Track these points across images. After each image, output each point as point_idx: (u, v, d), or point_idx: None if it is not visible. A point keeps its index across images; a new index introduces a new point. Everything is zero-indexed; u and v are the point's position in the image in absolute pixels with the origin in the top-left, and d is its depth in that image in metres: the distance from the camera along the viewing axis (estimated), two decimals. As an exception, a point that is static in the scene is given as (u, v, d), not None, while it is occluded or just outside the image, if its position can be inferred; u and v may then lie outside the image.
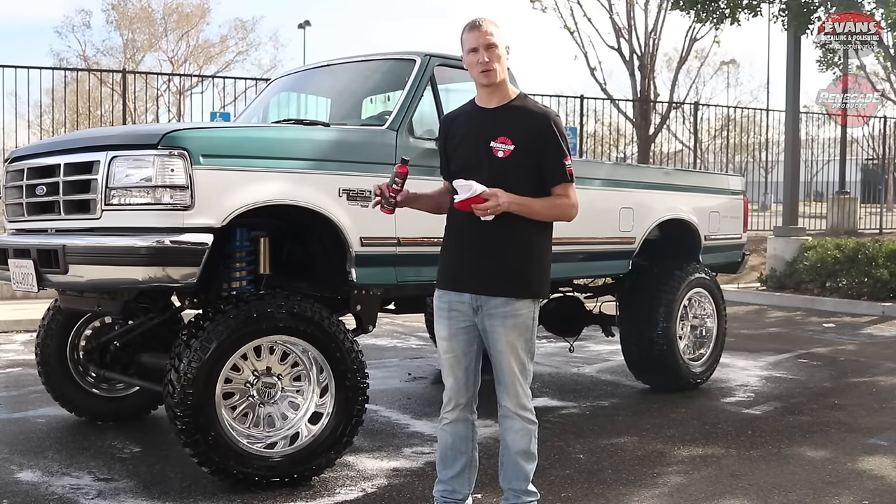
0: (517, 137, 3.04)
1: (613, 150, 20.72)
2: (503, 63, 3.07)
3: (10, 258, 4.16)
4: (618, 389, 6.24)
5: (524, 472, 3.20)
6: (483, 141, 3.06)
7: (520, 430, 3.16)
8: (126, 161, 3.70)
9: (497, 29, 3.08)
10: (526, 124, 3.06)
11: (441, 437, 3.28)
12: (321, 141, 4.24)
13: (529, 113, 3.09)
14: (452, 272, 3.16)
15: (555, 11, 17.50)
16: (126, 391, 5.11)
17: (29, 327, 8.31)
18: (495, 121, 3.09)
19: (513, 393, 3.14)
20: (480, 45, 3.03)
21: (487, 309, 3.08)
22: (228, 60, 36.30)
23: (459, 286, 3.13)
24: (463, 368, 3.19)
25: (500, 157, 3.03)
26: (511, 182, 2.99)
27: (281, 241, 4.40)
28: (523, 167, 3.04)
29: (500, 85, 3.10)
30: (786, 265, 12.36)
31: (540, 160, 3.05)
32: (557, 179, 3.08)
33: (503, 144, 3.04)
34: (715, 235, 6.67)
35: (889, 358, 7.61)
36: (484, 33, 3.04)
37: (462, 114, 3.25)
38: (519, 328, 3.08)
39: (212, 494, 3.80)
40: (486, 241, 3.06)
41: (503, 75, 3.09)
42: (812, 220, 16.58)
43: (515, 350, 3.09)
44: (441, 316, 3.18)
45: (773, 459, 4.45)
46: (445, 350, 3.20)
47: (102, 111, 21.42)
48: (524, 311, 3.08)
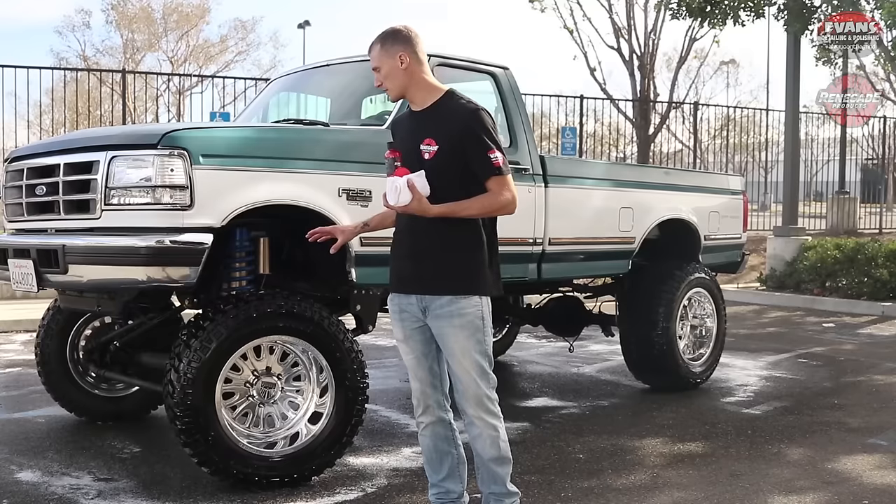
0: (440, 137, 3.03)
1: (613, 150, 20.71)
2: (397, 76, 3.06)
3: (9, 258, 4.16)
4: (618, 389, 6.24)
5: (499, 477, 3.16)
6: (413, 144, 3.06)
7: (486, 437, 3.10)
8: (126, 161, 3.70)
9: (381, 48, 3.07)
10: (448, 123, 3.04)
11: (422, 442, 3.26)
12: (321, 141, 4.24)
13: (451, 111, 3.07)
14: (398, 274, 3.16)
15: (554, 11, 17.54)
16: (126, 391, 5.11)
17: (29, 327, 8.31)
18: (421, 123, 3.10)
19: (472, 396, 3.07)
20: (372, 68, 3.13)
21: (434, 310, 3.05)
22: (228, 60, 36.33)
23: (405, 288, 3.12)
24: (426, 369, 3.16)
25: (426, 158, 3.03)
26: (441, 183, 2.97)
27: (281, 241, 4.40)
28: (449, 166, 3.01)
29: (410, 92, 3.11)
30: (785, 265, 12.36)
31: (466, 157, 3.02)
32: (486, 174, 3.03)
33: (428, 146, 3.03)
34: (715, 235, 6.67)
35: (888, 358, 7.61)
36: (372, 58, 3.11)
37: (402, 118, 3.30)
38: (468, 328, 3.02)
39: (212, 494, 3.80)
40: (424, 241, 3.05)
41: (401, 87, 3.09)
42: (812, 219, 16.56)
43: (468, 352, 3.03)
44: (394, 319, 3.18)
45: (773, 459, 4.45)
46: (405, 352, 3.20)
47: (102, 111, 21.45)
48: (470, 308, 3.02)
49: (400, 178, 2.93)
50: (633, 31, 17.89)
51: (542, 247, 5.19)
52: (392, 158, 3.05)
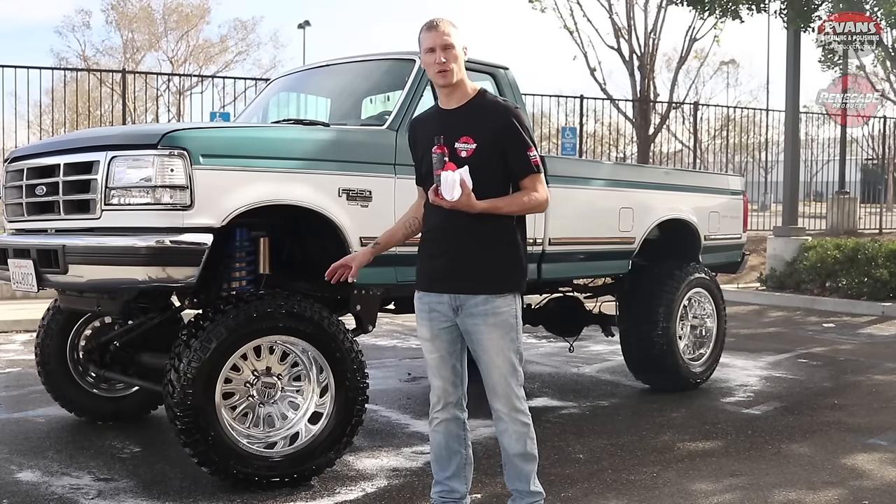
0: (479, 135, 3.04)
1: (613, 150, 20.72)
2: (460, 63, 3.08)
3: (9, 258, 4.16)
4: (618, 389, 6.24)
5: (524, 474, 3.19)
6: (447, 142, 3.05)
7: (514, 432, 3.13)
8: (126, 161, 3.70)
9: (455, 30, 3.08)
10: (486, 121, 3.06)
11: (433, 438, 3.27)
12: (321, 141, 4.24)
13: (489, 109, 3.09)
14: (430, 274, 3.16)
15: (554, 11, 17.56)
16: (126, 391, 5.11)
17: (29, 327, 8.31)
18: (457, 121, 3.10)
19: (503, 395, 3.10)
20: (437, 45, 3.04)
21: (467, 308, 3.06)
22: (228, 60, 36.32)
23: (438, 287, 3.12)
24: (449, 368, 3.18)
25: (463, 156, 3.03)
26: (478, 180, 2.98)
27: (281, 241, 4.40)
28: (488, 164, 3.03)
29: (459, 85, 3.11)
30: (785, 265, 12.36)
31: (504, 155, 3.05)
32: (524, 172, 3.07)
33: (465, 144, 3.04)
34: (715, 235, 6.67)
35: (889, 358, 7.61)
36: (441, 34, 3.05)
37: (426, 117, 3.28)
38: (502, 327, 3.05)
39: (212, 494, 3.80)
40: (460, 240, 3.06)
41: (461, 75, 3.09)
42: (812, 220, 16.57)
43: (501, 350, 3.07)
44: (422, 318, 3.18)
45: (773, 459, 4.45)
46: (429, 351, 3.20)
47: (102, 111, 21.46)
48: (505, 308, 3.06)
49: (454, 173, 2.92)
50: (633, 31, 17.90)
51: (542, 247, 5.19)
52: (441, 153, 3.00)
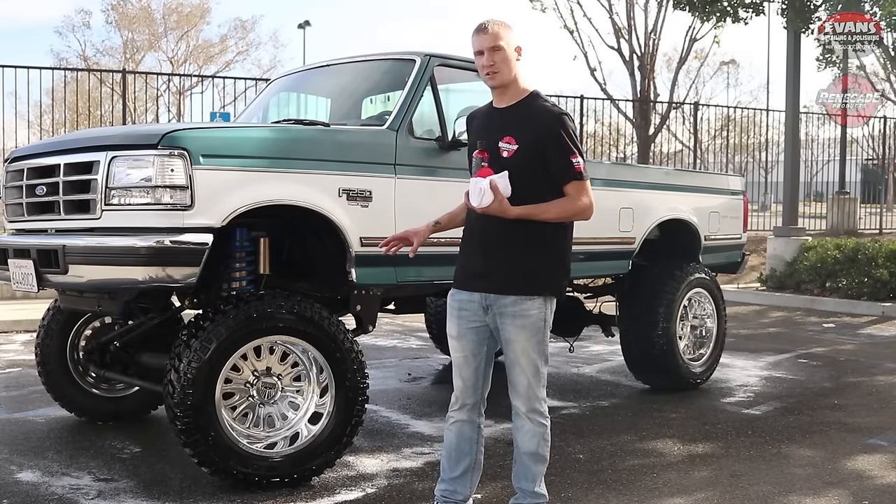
0: (522, 137, 3.04)
1: (613, 150, 20.71)
2: (511, 64, 3.06)
3: (10, 258, 4.16)
4: (618, 389, 6.24)
5: (531, 473, 3.18)
6: (492, 141, 3.06)
7: (528, 431, 3.14)
8: (126, 161, 3.70)
9: (506, 30, 3.07)
10: (531, 124, 3.05)
11: (447, 436, 3.29)
12: (321, 141, 4.23)
13: (536, 112, 3.08)
14: (465, 271, 3.18)
15: (555, 11, 17.56)
16: (126, 391, 5.11)
17: (29, 327, 8.31)
18: (503, 121, 3.10)
19: (523, 394, 3.11)
20: (485, 47, 3.04)
21: (497, 308, 3.07)
22: (228, 60, 36.36)
23: (470, 285, 3.14)
24: (472, 370, 3.19)
25: (505, 157, 3.04)
26: (518, 184, 2.97)
27: (281, 241, 4.40)
28: (529, 167, 3.02)
29: (510, 85, 3.10)
30: (786, 265, 12.35)
31: (547, 159, 3.04)
32: (567, 178, 3.05)
33: (508, 144, 3.04)
34: (715, 235, 6.67)
35: (889, 358, 7.61)
36: (489, 36, 3.04)
37: (480, 113, 3.29)
38: (529, 329, 3.06)
39: (212, 494, 3.80)
40: (495, 239, 3.06)
41: (510, 76, 3.08)
42: (812, 220, 16.56)
43: (526, 352, 3.07)
44: (451, 315, 3.19)
45: (773, 459, 4.45)
46: (455, 349, 3.21)
47: (102, 111, 21.43)
48: (534, 311, 3.05)
49: (483, 180, 2.92)
50: (633, 32, 17.89)
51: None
52: (480, 158, 3.01)
